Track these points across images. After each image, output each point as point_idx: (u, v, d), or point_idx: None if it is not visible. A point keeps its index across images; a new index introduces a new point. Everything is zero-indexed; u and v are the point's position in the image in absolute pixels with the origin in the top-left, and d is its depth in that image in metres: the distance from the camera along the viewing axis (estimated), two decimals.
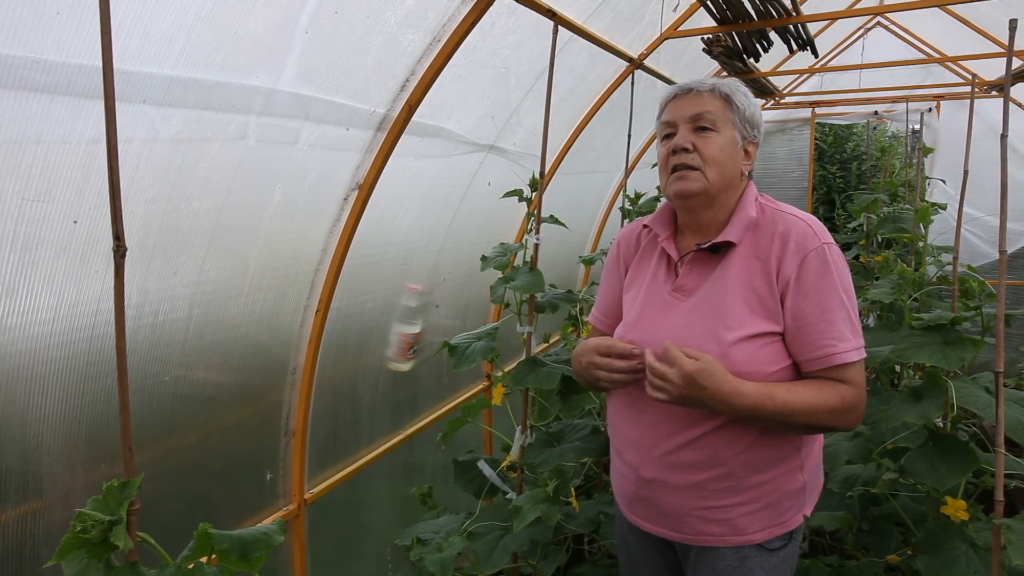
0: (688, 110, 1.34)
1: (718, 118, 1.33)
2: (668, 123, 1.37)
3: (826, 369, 1.26)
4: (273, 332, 1.74)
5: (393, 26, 1.59)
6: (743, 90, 1.38)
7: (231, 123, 1.40)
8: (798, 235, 1.29)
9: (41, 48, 1.03)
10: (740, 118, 1.36)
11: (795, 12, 2.50)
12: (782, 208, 1.37)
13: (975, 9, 3.45)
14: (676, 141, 1.34)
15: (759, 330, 1.27)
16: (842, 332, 1.25)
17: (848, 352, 1.25)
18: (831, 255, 1.28)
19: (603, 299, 1.58)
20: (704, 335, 1.29)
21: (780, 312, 1.28)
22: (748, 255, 1.32)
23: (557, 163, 2.88)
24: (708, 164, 1.32)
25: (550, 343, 3.15)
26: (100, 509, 0.84)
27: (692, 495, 1.32)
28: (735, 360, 1.25)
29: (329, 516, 2.02)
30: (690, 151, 1.32)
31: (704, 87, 1.35)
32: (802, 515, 1.38)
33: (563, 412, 1.87)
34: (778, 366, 1.28)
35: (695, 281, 1.36)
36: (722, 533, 1.33)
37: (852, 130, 6.70)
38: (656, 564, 1.50)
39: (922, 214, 2.94)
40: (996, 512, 1.38)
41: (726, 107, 1.34)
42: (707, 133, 1.33)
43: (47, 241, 1.16)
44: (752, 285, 1.29)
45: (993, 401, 1.44)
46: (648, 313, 1.40)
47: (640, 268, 1.49)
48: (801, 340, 1.27)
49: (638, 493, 1.41)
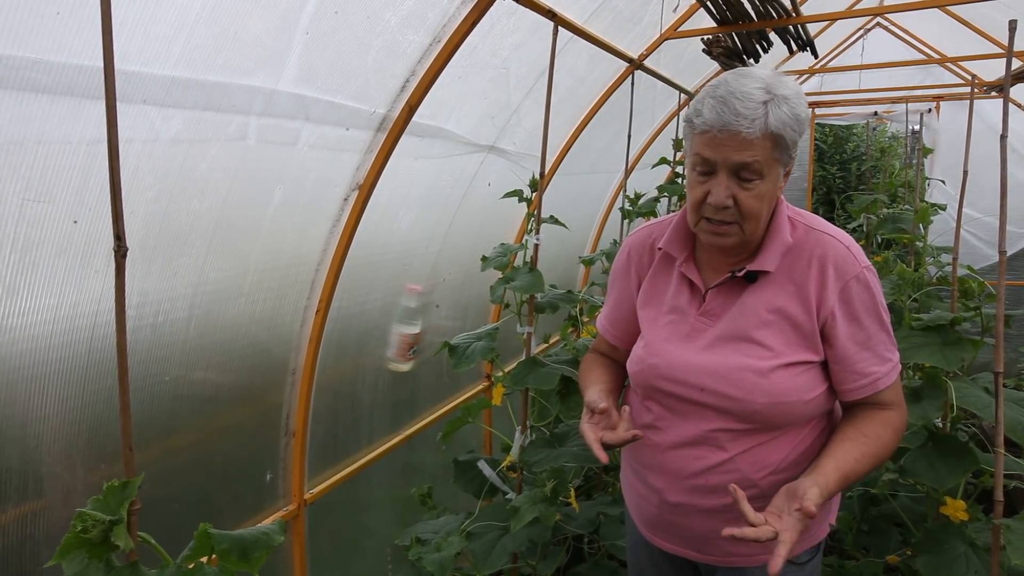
0: (734, 156, 1.14)
1: (765, 164, 1.15)
2: (706, 160, 1.17)
3: (870, 395, 1.23)
4: (273, 332, 1.74)
5: (393, 27, 1.59)
6: (794, 109, 1.15)
7: (231, 124, 1.40)
8: (837, 260, 1.21)
9: (42, 49, 1.03)
10: (787, 151, 1.17)
11: (795, 13, 2.50)
12: (814, 225, 1.27)
13: (975, 10, 3.45)
14: (715, 197, 1.17)
15: (795, 359, 1.21)
16: (883, 355, 1.23)
17: (888, 375, 1.23)
18: (871, 280, 1.22)
19: (613, 309, 1.47)
20: (737, 365, 1.22)
21: (818, 339, 1.22)
22: (782, 278, 1.24)
23: (557, 163, 2.89)
24: (747, 219, 1.19)
25: (550, 343, 3.15)
26: (101, 509, 0.85)
27: (721, 518, 1.25)
28: (775, 390, 1.20)
29: (329, 516, 2.02)
30: (730, 208, 1.17)
31: (754, 129, 1.11)
32: (827, 524, 1.35)
33: (563, 413, 1.88)
34: (815, 392, 1.23)
35: (721, 304, 1.27)
36: (751, 552, 1.29)
37: (852, 131, 6.71)
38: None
39: (921, 215, 2.94)
40: (995, 512, 1.39)
41: (775, 148, 1.15)
42: (751, 183, 1.16)
43: (48, 242, 1.16)
44: (786, 310, 1.22)
45: (992, 401, 1.44)
46: (672, 337, 1.30)
47: (657, 283, 1.38)
48: (845, 370, 1.23)
49: (662, 516, 1.34)
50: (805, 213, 1.30)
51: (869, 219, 3.83)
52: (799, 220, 1.27)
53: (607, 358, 1.52)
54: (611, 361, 1.51)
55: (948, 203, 4.10)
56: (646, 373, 1.31)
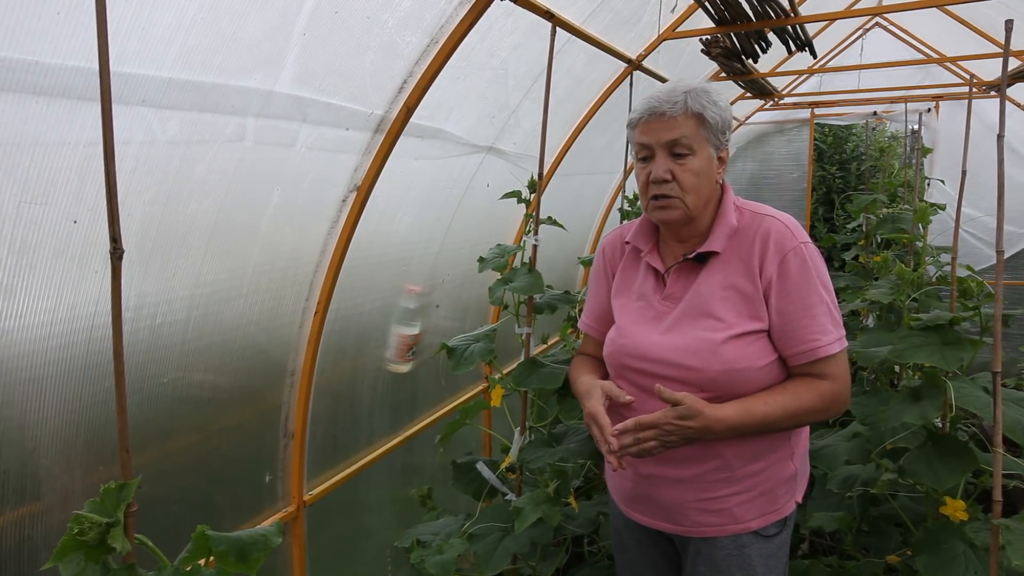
0: (663, 135, 1.34)
1: (693, 140, 1.34)
2: (644, 146, 1.38)
3: (810, 363, 1.32)
4: (272, 334, 1.74)
5: (391, 28, 1.59)
6: (712, 97, 1.36)
7: (229, 125, 1.40)
8: (777, 236, 1.35)
9: (38, 50, 1.03)
10: (713, 131, 1.36)
11: (793, 13, 2.50)
12: (759, 210, 1.42)
13: (973, 9, 3.45)
14: (655, 173, 1.36)
15: (745, 329, 1.33)
16: (824, 326, 1.32)
17: (830, 344, 1.32)
18: (808, 253, 1.34)
19: (593, 306, 1.62)
20: (695, 338, 1.35)
21: (764, 309, 1.34)
22: (731, 258, 1.38)
23: (556, 164, 2.89)
24: (687, 192, 1.36)
25: (549, 344, 3.14)
26: (97, 511, 0.84)
27: (689, 487, 1.38)
28: (727, 358, 1.31)
29: (328, 518, 2.02)
30: (669, 181, 1.35)
31: (676, 109, 1.33)
32: (794, 501, 1.44)
33: (562, 413, 1.87)
34: (766, 360, 1.34)
35: (682, 288, 1.41)
36: (720, 523, 1.38)
37: (851, 131, 6.69)
38: (653, 559, 1.52)
39: (920, 214, 2.94)
40: (994, 512, 1.39)
41: (700, 126, 1.35)
42: (684, 158, 1.35)
43: (45, 243, 1.16)
44: (736, 285, 1.35)
45: (992, 401, 1.44)
46: (640, 320, 1.45)
47: (627, 275, 1.53)
48: (786, 336, 1.33)
49: (636, 489, 1.46)
50: (754, 203, 1.45)
51: (868, 219, 3.82)
52: (746, 207, 1.43)
53: (593, 358, 1.62)
54: (598, 361, 1.60)
55: (947, 203, 4.10)
56: (616, 353, 1.45)
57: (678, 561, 1.51)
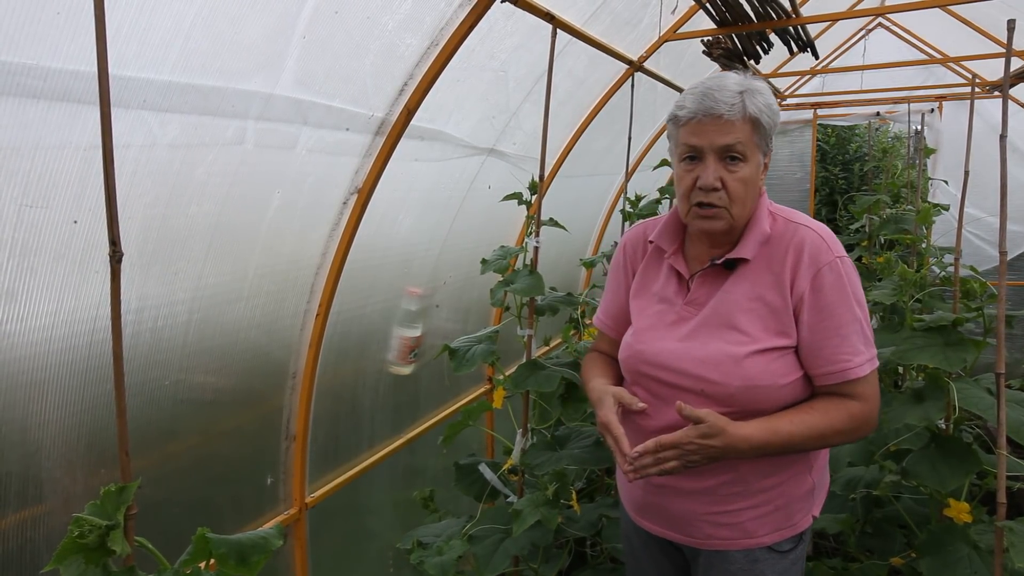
0: (717, 139, 1.23)
1: (747, 147, 1.24)
2: (693, 147, 1.26)
3: (838, 384, 1.25)
4: (273, 336, 1.74)
5: (391, 30, 1.60)
6: (767, 99, 1.26)
7: (229, 128, 1.41)
8: (811, 248, 1.27)
9: (38, 54, 1.04)
10: (764, 137, 1.27)
11: (795, 14, 2.49)
12: (793, 218, 1.33)
13: (976, 9, 3.44)
14: (704, 179, 1.25)
15: (770, 344, 1.26)
16: (855, 346, 1.25)
17: (860, 367, 1.24)
18: (844, 268, 1.26)
19: (609, 303, 1.54)
20: (716, 350, 1.27)
21: (793, 325, 1.26)
22: (760, 268, 1.30)
23: (557, 166, 2.89)
24: (734, 202, 1.26)
25: (551, 346, 3.15)
26: (97, 514, 0.85)
27: (702, 500, 1.32)
28: (749, 374, 1.24)
29: (330, 520, 2.02)
30: (718, 189, 1.25)
31: (734, 113, 1.22)
32: (811, 516, 1.38)
33: (564, 415, 1.87)
34: (790, 378, 1.26)
35: (706, 294, 1.33)
36: (732, 537, 1.33)
37: (854, 131, 6.69)
38: (663, 568, 1.49)
39: (924, 215, 2.94)
40: (999, 514, 1.38)
41: (754, 132, 1.25)
42: (735, 164, 1.25)
43: (46, 247, 1.16)
44: (764, 298, 1.27)
45: (995, 403, 1.43)
46: (659, 325, 1.37)
47: (648, 275, 1.45)
48: (815, 355, 1.26)
49: (646, 498, 1.40)
50: (788, 209, 1.37)
51: (872, 220, 3.82)
52: (779, 214, 1.34)
53: (607, 356, 1.56)
54: (611, 359, 1.54)
55: (951, 204, 4.08)
56: (633, 359, 1.38)
57: (688, 570, 1.46)
